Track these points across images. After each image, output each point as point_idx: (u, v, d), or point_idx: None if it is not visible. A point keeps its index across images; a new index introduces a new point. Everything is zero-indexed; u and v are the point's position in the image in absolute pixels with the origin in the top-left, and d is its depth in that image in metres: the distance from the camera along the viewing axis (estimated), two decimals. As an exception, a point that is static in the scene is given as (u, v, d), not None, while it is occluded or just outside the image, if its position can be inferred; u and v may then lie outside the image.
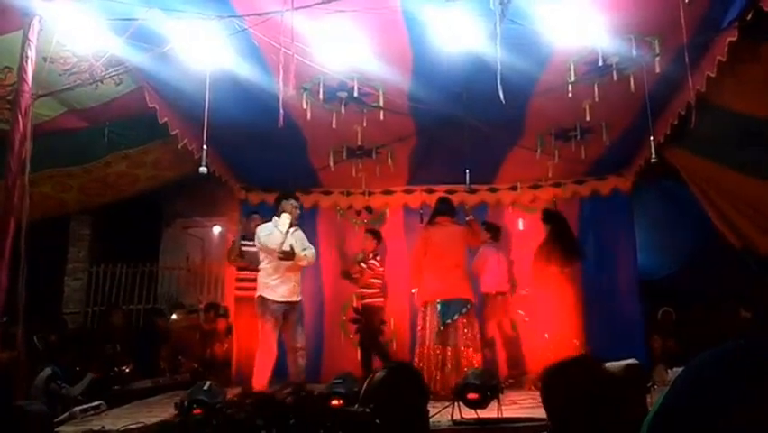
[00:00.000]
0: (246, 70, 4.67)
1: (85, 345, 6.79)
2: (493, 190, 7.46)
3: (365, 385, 1.99)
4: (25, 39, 3.93)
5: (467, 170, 5.59)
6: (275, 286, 5.34)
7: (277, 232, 5.34)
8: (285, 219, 5.37)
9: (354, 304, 7.00)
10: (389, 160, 6.67)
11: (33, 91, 4.10)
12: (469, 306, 5.82)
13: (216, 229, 9.19)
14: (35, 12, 3.88)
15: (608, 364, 1.88)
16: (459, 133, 5.82)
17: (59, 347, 6.56)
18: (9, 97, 4.87)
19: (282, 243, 5.26)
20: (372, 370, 6.12)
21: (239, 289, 6.14)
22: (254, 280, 5.59)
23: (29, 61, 3.93)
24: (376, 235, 6.85)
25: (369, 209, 7.71)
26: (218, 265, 8.72)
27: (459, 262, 5.92)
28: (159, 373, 7.19)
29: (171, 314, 8.20)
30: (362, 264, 6.64)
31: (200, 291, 9.06)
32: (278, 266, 5.33)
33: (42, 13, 3.89)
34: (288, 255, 5.26)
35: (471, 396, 3.73)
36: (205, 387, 3.91)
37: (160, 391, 6.32)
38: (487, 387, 3.77)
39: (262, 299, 5.34)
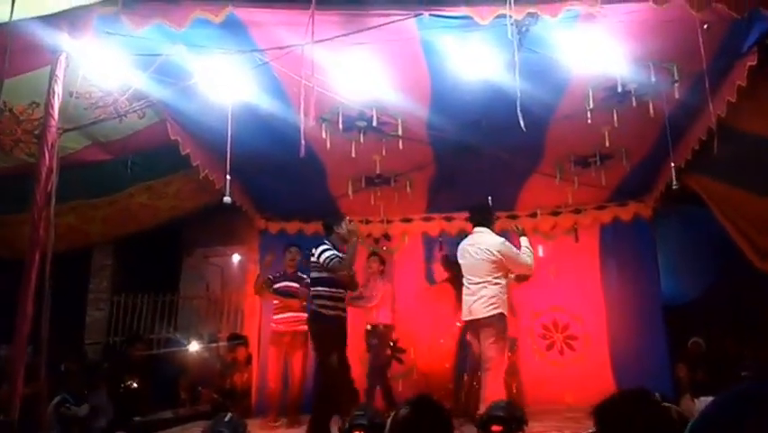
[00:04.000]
0: (267, 103, 4.75)
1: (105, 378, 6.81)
2: (513, 217, 7.40)
3: (389, 422, 1.96)
4: (53, 75, 4.01)
5: (489, 197, 5.58)
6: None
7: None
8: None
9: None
10: (408, 188, 6.68)
11: (59, 125, 4.18)
12: None
13: (236, 258, 9.22)
14: (62, 49, 3.97)
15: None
16: (477, 160, 5.85)
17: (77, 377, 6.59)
18: (36, 132, 4.98)
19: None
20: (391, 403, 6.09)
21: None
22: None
23: (56, 96, 4.01)
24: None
25: (387, 237, 7.72)
26: (238, 294, 8.73)
27: None
28: (179, 403, 7.19)
29: (190, 344, 8.21)
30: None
31: (220, 321, 9.06)
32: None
33: (69, 50, 3.98)
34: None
35: (495, 428, 3.66)
36: (227, 419, 3.88)
37: (180, 421, 6.32)
38: (511, 419, 3.70)
39: (504, 316, 5.05)
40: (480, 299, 5.01)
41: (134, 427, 5.79)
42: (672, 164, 4.97)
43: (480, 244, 5.16)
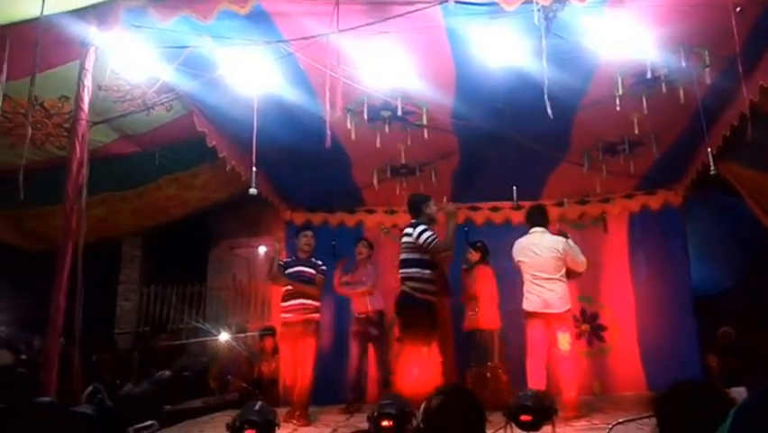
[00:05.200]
0: (292, 94, 4.76)
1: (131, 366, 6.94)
2: (539, 207, 7.34)
3: (422, 411, 1.96)
4: (82, 68, 4.07)
5: (515, 187, 5.56)
6: None
7: None
8: None
9: None
10: (433, 177, 6.66)
11: (89, 119, 4.24)
12: None
13: (262, 249, 9.30)
14: (92, 42, 4.03)
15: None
16: (503, 149, 5.80)
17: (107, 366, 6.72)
18: (66, 125, 5.07)
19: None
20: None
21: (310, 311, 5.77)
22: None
23: (86, 90, 4.07)
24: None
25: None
26: (264, 285, 8.80)
27: None
28: (208, 392, 7.29)
29: (219, 334, 8.31)
30: None
31: (247, 311, 9.16)
32: None
33: (98, 43, 4.03)
34: None
35: (524, 418, 3.64)
36: (256, 407, 3.92)
37: (209, 410, 6.39)
38: (540, 409, 3.68)
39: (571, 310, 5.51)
40: (556, 293, 5.29)
41: (164, 415, 5.88)
42: (709, 149, 4.86)
43: (543, 243, 5.40)
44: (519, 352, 5.97)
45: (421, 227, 4.98)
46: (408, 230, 5.09)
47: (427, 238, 4.92)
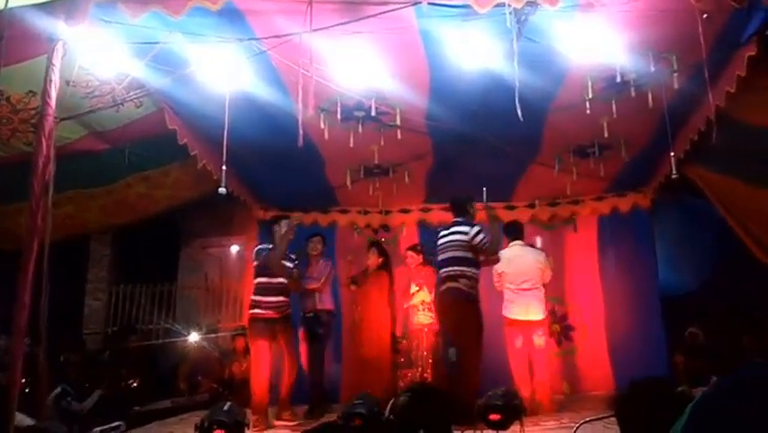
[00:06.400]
0: (265, 92, 4.73)
1: (101, 368, 6.82)
2: (510, 208, 7.41)
3: (389, 409, 1.97)
4: (49, 63, 3.98)
5: (484, 188, 5.62)
6: None
7: None
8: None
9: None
10: (406, 178, 6.67)
11: (56, 114, 4.15)
12: None
13: (234, 248, 9.23)
14: (59, 37, 3.94)
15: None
16: (476, 151, 5.84)
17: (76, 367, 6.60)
18: (33, 121, 4.96)
19: None
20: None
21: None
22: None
23: (52, 85, 3.97)
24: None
25: (385, 227, 7.73)
26: (237, 284, 8.74)
27: None
28: (177, 393, 7.20)
29: (189, 334, 8.22)
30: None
31: (218, 311, 9.07)
32: None
33: (66, 38, 3.95)
34: None
35: (493, 417, 3.68)
36: (225, 407, 3.90)
37: (178, 411, 6.33)
38: (509, 408, 3.72)
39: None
40: (536, 302, 5.75)
41: (132, 416, 5.80)
42: (672, 153, 4.96)
43: (527, 255, 5.90)
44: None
45: (476, 228, 5.32)
46: (464, 228, 5.34)
47: (482, 239, 5.26)
